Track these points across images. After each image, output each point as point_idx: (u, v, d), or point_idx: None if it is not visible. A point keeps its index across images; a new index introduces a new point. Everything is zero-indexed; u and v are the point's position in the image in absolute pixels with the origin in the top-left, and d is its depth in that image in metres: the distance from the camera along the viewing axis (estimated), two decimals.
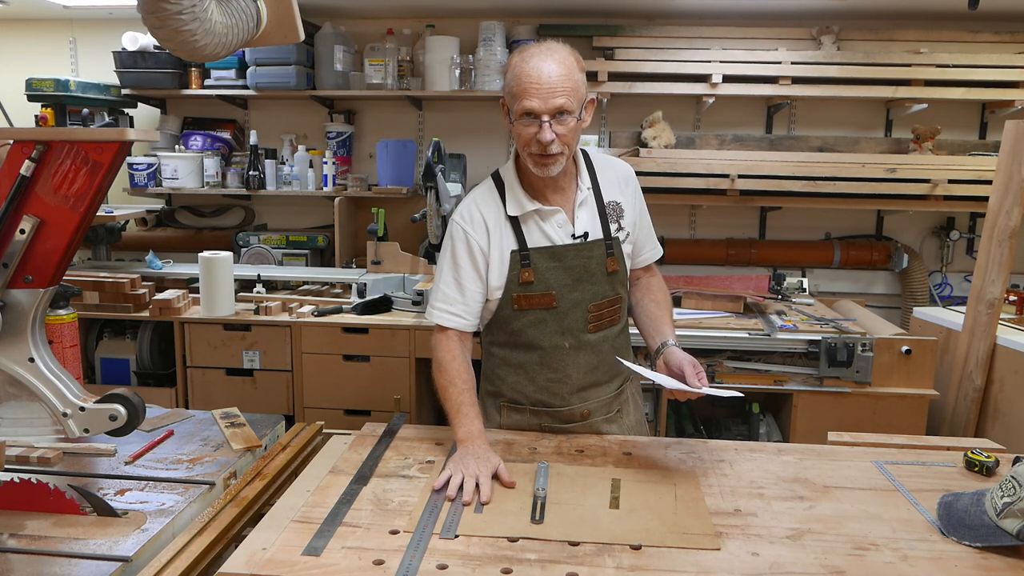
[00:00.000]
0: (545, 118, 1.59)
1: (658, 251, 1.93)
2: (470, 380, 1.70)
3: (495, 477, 1.51)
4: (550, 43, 1.64)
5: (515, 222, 1.73)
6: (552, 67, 1.58)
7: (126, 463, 1.66)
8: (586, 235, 1.75)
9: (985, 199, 2.99)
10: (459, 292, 1.74)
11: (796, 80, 3.55)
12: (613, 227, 1.78)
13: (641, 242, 1.87)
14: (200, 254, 3.15)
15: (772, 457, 1.69)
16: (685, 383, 1.60)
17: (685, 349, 1.72)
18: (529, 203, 1.72)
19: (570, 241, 1.73)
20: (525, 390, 1.82)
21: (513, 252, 1.72)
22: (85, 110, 3.39)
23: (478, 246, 1.72)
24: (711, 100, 3.65)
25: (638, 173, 1.90)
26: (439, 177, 3.02)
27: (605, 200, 1.79)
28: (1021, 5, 3.35)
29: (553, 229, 1.73)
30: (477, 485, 1.46)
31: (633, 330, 1.92)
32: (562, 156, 1.64)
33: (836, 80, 3.55)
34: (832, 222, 3.95)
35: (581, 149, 1.80)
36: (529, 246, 1.72)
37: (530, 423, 1.84)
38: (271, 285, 3.58)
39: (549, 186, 1.73)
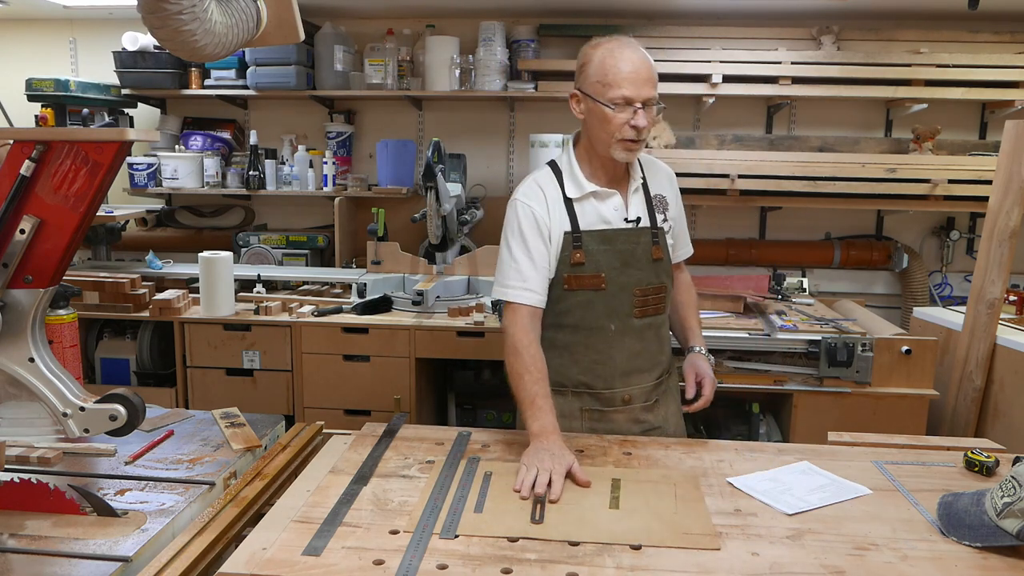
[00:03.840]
0: (639, 105, 1.67)
1: (690, 249, 2.05)
2: (544, 369, 1.70)
3: (569, 475, 1.51)
4: (623, 38, 1.73)
5: (570, 205, 1.79)
6: (642, 59, 1.69)
7: (126, 463, 1.66)
8: (638, 220, 1.82)
9: (985, 199, 2.98)
10: (532, 267, 1.76)
11: (796, 80, 3.55)
12: (659, 218, 1.86)
13: (677, 239, 1.97)
14: (200, 254, 3.15)
15: (772, 457, 1.69)
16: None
17: None
18: (588, 184, 1.79)
19: (623, 225, 1.80)
20: (569, 372, 1.84)
21: (566, 233, 1.78)
22: (85, 110, 3.41)
23: (544, 220, 1.77)
24: (711, 100, 3.65)
25: None
26: (439, 177, 3.02)
27: (652, 193, 1.87)
28: (1021, 5, 3.35)
29: (609, 211, 1.80)
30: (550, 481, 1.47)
31: None
32: (644, 143, 1.74)
33: (836, 80, 3.55)
34: (832, 222, 3.95)
35: None
36: (582, 228, 1.78)
37: (571, 407, 1.85)
38: (271, 285, 3.58)
39: (606, 176, 1.80)
